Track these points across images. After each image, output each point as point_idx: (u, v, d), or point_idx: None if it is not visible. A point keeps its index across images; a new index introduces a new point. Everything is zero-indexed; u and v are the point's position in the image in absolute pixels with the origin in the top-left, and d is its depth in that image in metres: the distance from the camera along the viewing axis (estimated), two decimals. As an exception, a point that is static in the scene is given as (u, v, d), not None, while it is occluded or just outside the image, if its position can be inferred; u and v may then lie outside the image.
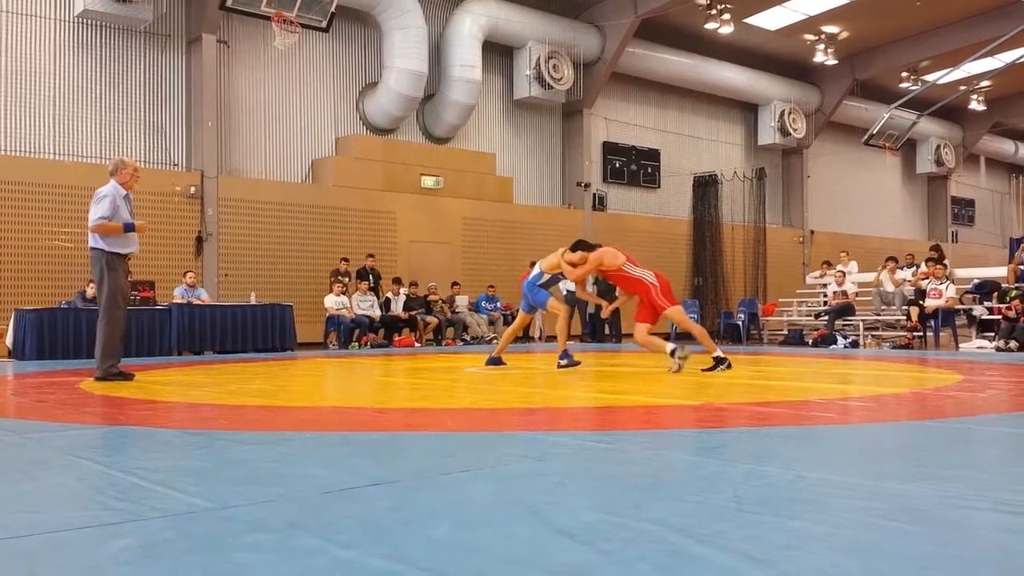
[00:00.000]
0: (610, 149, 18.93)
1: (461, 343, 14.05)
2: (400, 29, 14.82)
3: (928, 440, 3.46)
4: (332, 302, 12.96)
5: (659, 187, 19.82)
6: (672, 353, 6.91)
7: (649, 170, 19.65)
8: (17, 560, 1.72)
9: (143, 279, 11.51)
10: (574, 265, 7.51)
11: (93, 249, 6.39)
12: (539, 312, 14.90)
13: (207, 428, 3.99)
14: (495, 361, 8.02)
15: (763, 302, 16.72)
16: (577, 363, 7.46)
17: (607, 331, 15.01)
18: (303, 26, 13.21)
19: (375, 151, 15.20)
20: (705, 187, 18.40)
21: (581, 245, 7.64)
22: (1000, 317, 11.57)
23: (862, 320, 13.40)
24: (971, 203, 28.08)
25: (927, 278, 12.86)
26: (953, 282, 12.73)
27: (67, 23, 12.57)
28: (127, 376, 6.44)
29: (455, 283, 15.07)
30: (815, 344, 12.72)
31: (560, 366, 7.44)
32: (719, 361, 7.03)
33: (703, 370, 6.89)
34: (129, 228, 6.38)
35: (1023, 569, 1.63)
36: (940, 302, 12.10)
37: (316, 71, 15.06)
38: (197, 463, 2.96)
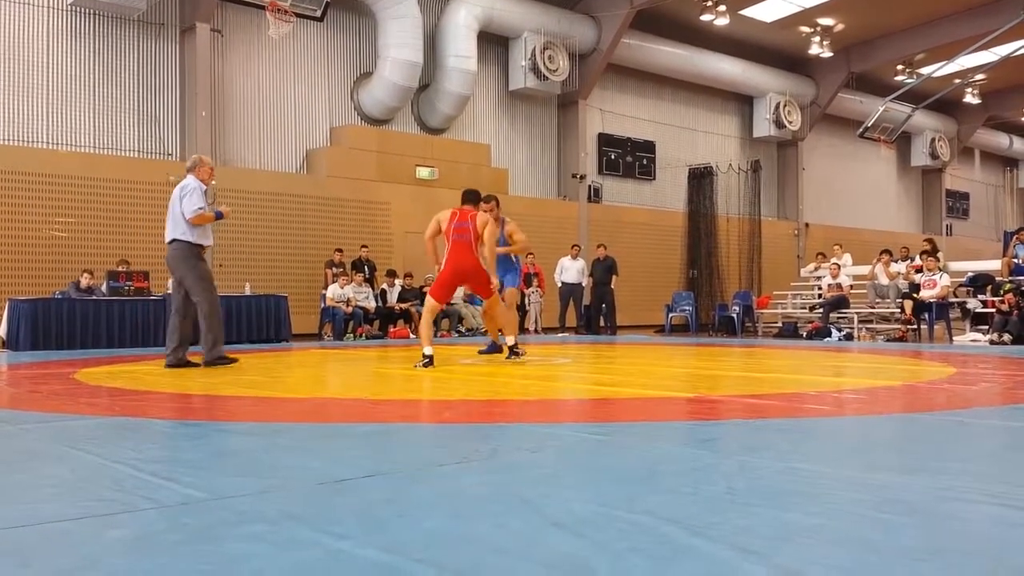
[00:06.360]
0: (605, 141, 18.91)
1: (456, 335, 14.05)
2: (395, 18, 14.77)
3: (921, 433, 3.47)
4: (335, 293, 12.90)
5: (654, 179, 19.81)
6: (512, 348, 6.85)
7: (644, 162, 19.64)
8: (10, 551, 1.72)
9: (138, 269, 11.49)
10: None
11: (176, 242, 6.72)
12: (535, 303, 14.98)
13: (202, 419, 3.99)
14: (492, 350, 8.05)
15: (757, 295, 16.73)
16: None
17: (602, 323, 15.04)
18: (297, 15, 13.15)
19: (370, 141, 15.16)
20: (700, 179, 18.38)
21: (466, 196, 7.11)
22: (994, 310, 11.61)
23: (856, 313, 13.42)
24: (966, 196, 28.13)
25: (919, 271, 12.90)
26: (947, 274, 12.77)
27: (59, 11, 12.48)
28: (232, 359, 6.84)
29: (450, 275, 15.03)
30: (809, 337, 12.74)
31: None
32: (424, 357, 6.49)
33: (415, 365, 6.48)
34: (219, 216, 6.86)
35: (1015, 562, 1.64)
36: (934, 292, 12.13)
37: (310, 61, 15.00)
38: (191, 454, 2.96)
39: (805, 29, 19.40)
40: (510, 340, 6.93)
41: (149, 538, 1.80)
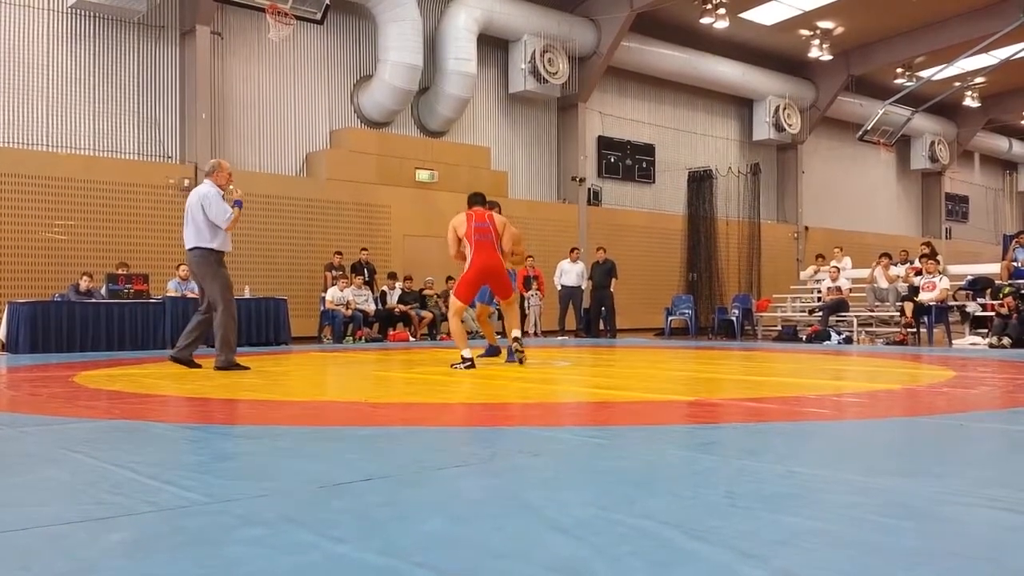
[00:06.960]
0: (605, 144, 18.93)
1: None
2: (394, 22, 14.79)
3: (921, 436, 3.47)
4: (334, 296, 12.90)
5: (654, 182, 19.83)
6: (516, 339, 6.98)
7: (644, 165, 19.66)
8: (10, 555, 1.72)
9: (137, 272, 11.48)
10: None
11: (199, 248, 6.73)
12: (535, 307, 14.97)
13: (201, 422, 3.98)
14: (491, 352, 8.05)
15: (757, 298, 16.73)
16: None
17: (602, 326, 15.04)
18: (297, 18, 13.15)
19: (369, 144, 15.17)
20: (700, 182, 18.39)
21: (473, 199, 7.26)
22: (993, 314, 11.60)
23: (856, 316, 13.42)
24: (965, 199, 28.15)
25: (919, 273, 12.89)
26: (947, 277, 12.76)
27: (59, 13, 12.50)
28: (244, 367, 6.77)
29: (450, 277, 15.02)
30: (809, 340, 12.74)
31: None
32: (464, 360, 6.73)
33: (451, 365, 6.78)
34: (239, 205, 6.89)
35: (1016, 565, 1.64)
36: (934, 294, 12.13)
37: (310, 64, 15.01)
38: (190, 457, 2.96)
39: (805, 32, 19.42)
40: (517, 332, 7.03)
41: (148, 541, 1.80)
